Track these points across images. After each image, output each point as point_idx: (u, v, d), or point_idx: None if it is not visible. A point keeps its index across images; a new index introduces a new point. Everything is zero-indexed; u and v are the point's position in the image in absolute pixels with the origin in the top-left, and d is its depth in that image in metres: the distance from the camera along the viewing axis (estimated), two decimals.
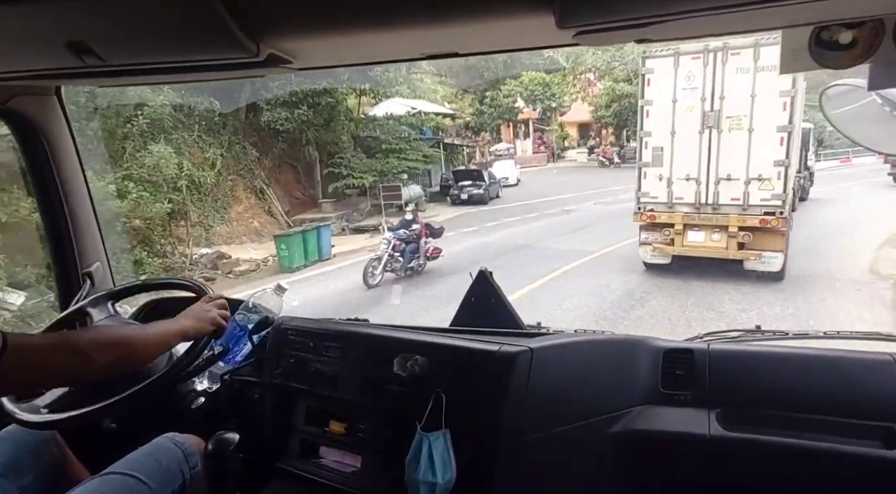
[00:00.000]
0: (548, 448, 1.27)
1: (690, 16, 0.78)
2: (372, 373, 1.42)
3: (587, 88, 30.36)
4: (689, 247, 8.17)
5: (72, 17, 0.88)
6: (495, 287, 1.62)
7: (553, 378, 1.30)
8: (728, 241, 7.91)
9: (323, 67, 1.26)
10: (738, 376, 1.37)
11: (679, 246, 8.19)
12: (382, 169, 17.77)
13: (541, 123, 35.43)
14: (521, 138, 35.65)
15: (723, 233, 7.93)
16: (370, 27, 0.92)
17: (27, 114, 1.62)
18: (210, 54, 0.98)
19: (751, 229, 7.74)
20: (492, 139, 32.48)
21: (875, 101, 1.19)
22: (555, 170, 30.70)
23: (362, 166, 17.36)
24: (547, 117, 34.99)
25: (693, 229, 8.14)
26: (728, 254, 7.96)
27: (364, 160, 17.59)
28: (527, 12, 0.85)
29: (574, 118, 34.74)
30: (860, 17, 0.91)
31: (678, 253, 8.23)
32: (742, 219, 7.76)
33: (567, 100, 32.55)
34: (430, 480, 1.21)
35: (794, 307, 7.08)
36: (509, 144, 33.24)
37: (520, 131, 35.66)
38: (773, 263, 7.70)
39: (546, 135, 35.95)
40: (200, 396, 1.53)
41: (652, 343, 1.46)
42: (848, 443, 1.21)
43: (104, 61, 0.98)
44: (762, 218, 7.62)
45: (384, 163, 17.86)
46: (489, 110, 30.18)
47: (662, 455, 1.35)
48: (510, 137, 34.75)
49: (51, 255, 1.80)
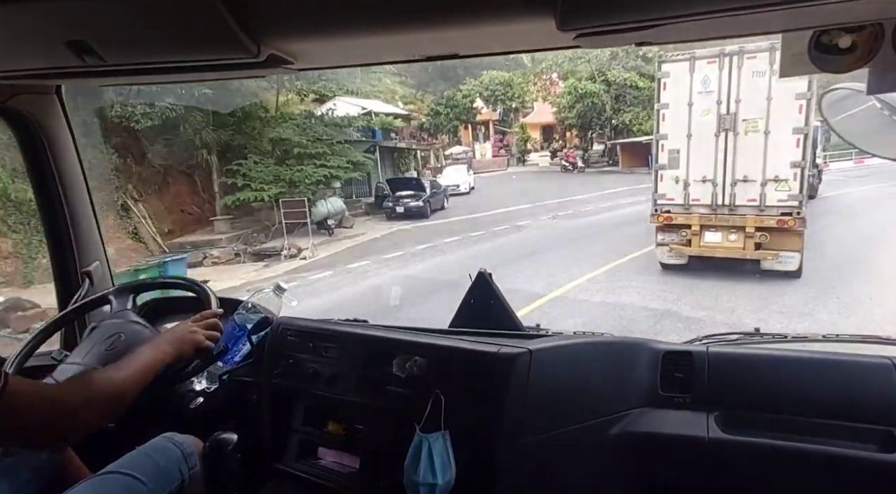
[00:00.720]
0: (546, 450, 1.27)
1: (691, 19, 0.78)
2: (371, 374, 1.42)
3: (549, 87, 29.21)
4: (707, 247, 8.25)
5: (72, 16, 0.88)
6: (495, 288, 1.63)
7: (552, 379, 1.30)
8: (745, 241, 7.99)
9: (323, 68, 1.26)
10: (737, 379, 1.37)
11: (696, 246, 8.29)
12: (293, 178, 14.60)
13: (502, 125, 33.91)
14: (481, 141, 34.15)
15: (740, 233, 8.01)
16: (371, 29, 0.92)
17: (27, 113, 1.62)
18: (211, 54, 0.98)
19: (768, 229, 7.84)
20: (450, 142, 30.83)
21: (874, 106, 1.19)
22: (514, 175, 28.51)
23: (266, 175, 14.32)
24: (508, 119, 33.44)
25: (710, 230, 8.22)
26: (745, 254, 8.04)
27: (271, 167, 14.60)
28: (528, 14, 0.85)
29: (538, 119, 33.18)
30: (860, 21, 0.91)
31: (695, 253, 8.33)
32: (759, 220, 7.86)
33: (529, 100, 31.04)
34: (429, 481, 1.21)
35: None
36: (466, 147, 31.65)
37: (479, 133, 34.19)
38: (791, 262, 7.83)
39: (507, 137, 34.25)
40: (199, 396, 1.53)
41: (651, 345, 1.46)
42: (846, 446, 1.21)
43: (104, 61, 0.98)
44: (779, 218, 7.74)
45: (295, 172, 14.74)
46: (445, 111, 28.37)
47: (661, 457, 1.35)
48: (469, 140, 33.30)
49: (50, 254, 1.81)
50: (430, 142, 28.95)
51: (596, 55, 21.76)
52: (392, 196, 17.41)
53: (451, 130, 30.69)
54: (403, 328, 1.56)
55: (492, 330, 1.49)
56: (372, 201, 18.66)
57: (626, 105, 26.80)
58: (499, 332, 1.47)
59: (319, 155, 15.33)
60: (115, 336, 1.44)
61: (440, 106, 28.54)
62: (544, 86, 29.36)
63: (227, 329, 1.57)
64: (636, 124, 26.24)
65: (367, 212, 18.21)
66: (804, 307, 7.02)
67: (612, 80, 26.38)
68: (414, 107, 29.28)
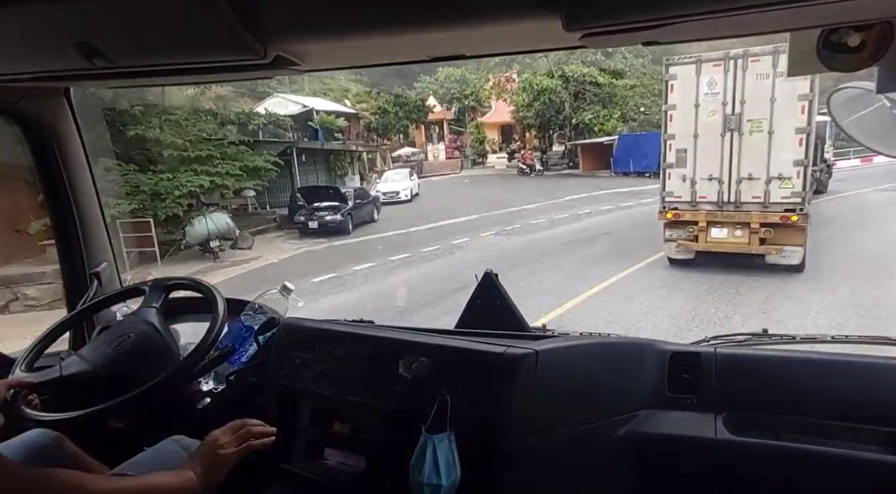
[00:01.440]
0: (553, 451, 1.27)
1: (697, 18, 0.78)
2: (377, 375, 1.42)
3: (506, 84, 27.51)
4: (713, 243, 8.56)
5: (81, 18, 0.89)
6: (501, 289, 1.62)
7: (558, 380, 1.29)
8: (750, 237, 8.28)
9: (330, 69, 1.27)
10: (746, 380, 1.36)
11: (703, 242, 8.59)
12: (157, 189, 11.36)
13: (458, 125, 31.69)
14: (435, 141, 31.76)
15: (745, 229, 8.30)
16: (377, 29, 0.92)
17: (37, 115, 1.63)
18: (217, 56, 0.99)
19: (772, 225, 8.12)
20: (403, 142, 28.91)
21: (884, 105, 1.18)
22: (466, 179, 26.01)
23: (117, 185, 10.75)
24: (465, 118, 31.14)
25: (716, 226, 8.52)
26: (750, 250, 8.32)
27: (130, 175, 11.26)
28: (534, 14, 0.85)
29: (496, 119, 31.23)
30: (869, 19, 0.90)
31: (702, 249, 8.62)
32: (763, 216, 8.15)
33: (485, 98, 29.23)
34: (434, 482, 1.21)
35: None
36: (415, 149, 29.71)
37: (433, 134, 31.91)
38: (794, 257, 8.08)
39: (462, 137, 31.92)
40: (206, 396, 1.53)
41: (658, 346, 1.45)
42: (855, 448, 1.20)
43: (112, 63, 0.99)
44: (783, 214, 8.02)
45: (161, 181, 11.48)
46: (394, 109, 26.28)
47: (668, 458, 1.34)
48: (422, 140, 31.46)
49: (59, 255, 1.82)
50: (379, 143, 26.94)
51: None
52: (307, 208, 14.50)
53: (402, 130, 28.65)
54: (409, 328, 1.56)
55: (498, 330, 1.49)
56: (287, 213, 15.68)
57: (587, 103, 25.51)
58: (505, 333, 1.47)
59: (202, 159, 12.08)
60: (125, 336, 1.44)
61: (388, 104, 26.54)
62: (498, 83, 27.68)
63: (234, 329, 1.58)
64: (597, 124, 25.21)
65: (281, 225, 15.50)
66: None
67: (571, 75, 24.87)
68: (367, 106, 27.05)
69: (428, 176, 25.41)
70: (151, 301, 1.53)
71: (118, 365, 1.40)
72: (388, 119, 26.29)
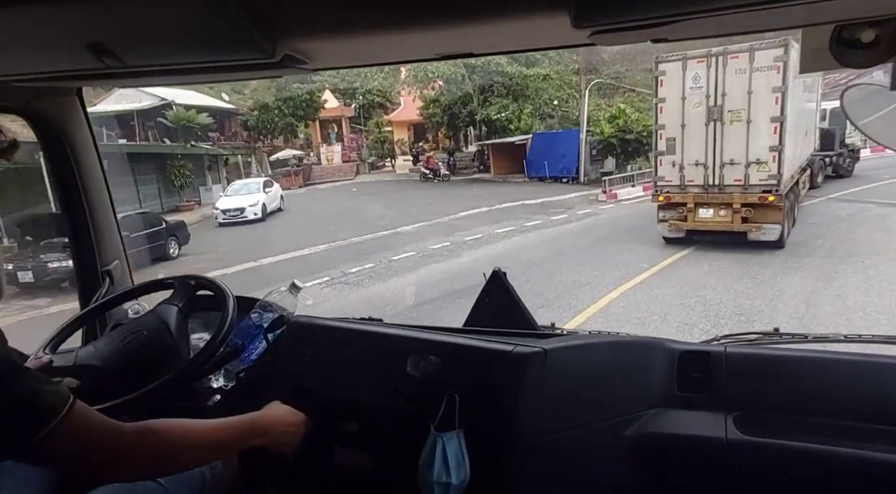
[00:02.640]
0: (561, 450, 1.27)
1: (707, 15, 0.77)
2: (385, 373, 1.43)
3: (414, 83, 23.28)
4: (700, 222, 9.56)
5: (92, 19, 0.90)
6: (509, 287, 1.62)
7: (567, 379, 1.29)
8: (733, 216, 9.23)
9: (339, 68, 1.27)
10: (756, 379, 1.35)
11: (692, 221, 9.60)
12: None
13: (360, 123, 27.81)
14: (333, 142, 27.78)
15: (728, 209, 9.27)
16: (386, 28, 0.92)
17: (49, 115, 1.65)
18: (226, 55, 1.00)
19: (752, 205, 9.07)
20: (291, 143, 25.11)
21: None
22: (355, 188, 22.04)
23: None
24: (368, 115, 27.26)
25: (703, 207, 9.53)
26: (733, 228, 9.26)
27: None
28: (542, 12, 0.84)
29: (405, 116, 27.29)
30: (883, 15, 0.89)
31: (691, 227, 9.64)
32: (744, 197, 9.10)
33: (394, 93, 25.56)
34: (443, 481, 1.21)
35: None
36: (299, 152, 25.97)
37: (331, 133, 27.82)
38: (773, 233, 9.00)
39: (360, 137, 28.23)
40: (216, 394, 1.54)
41: (667, 345, 1.44)
42: (869, 449, 1.19)
43: (123, 62, 0.99)
44: (760, 195, 8.96)
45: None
46: (277, 104, 22.15)
47: (678, 458, 1.33)
48: (318, 140, 27.55)
49: (71, 253, 1.84)
50: (263, 144, 22.69)
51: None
52: (34, 247, 9.32)
53: (288, 129, 24.04)
54: (418, 326, 1.56)
55: (506, 329, 1.48)
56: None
57: (494, 95, 21.97)
58: (513, 331, 1.47)
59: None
60: (137, 332, 1.46)
61: (270, 98, 22.34)
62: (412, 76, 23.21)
63: (243, 327, 1.59)
64: (509, 120, 21.94)
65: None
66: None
67: (475, 63, 20.29)
68: (252, 102, 23.12)
69: (314, 183, 22.26)
70: (175, 299, 1.55)
71: (129, 361, 1.41)
72: (269, 116, 22.08)
